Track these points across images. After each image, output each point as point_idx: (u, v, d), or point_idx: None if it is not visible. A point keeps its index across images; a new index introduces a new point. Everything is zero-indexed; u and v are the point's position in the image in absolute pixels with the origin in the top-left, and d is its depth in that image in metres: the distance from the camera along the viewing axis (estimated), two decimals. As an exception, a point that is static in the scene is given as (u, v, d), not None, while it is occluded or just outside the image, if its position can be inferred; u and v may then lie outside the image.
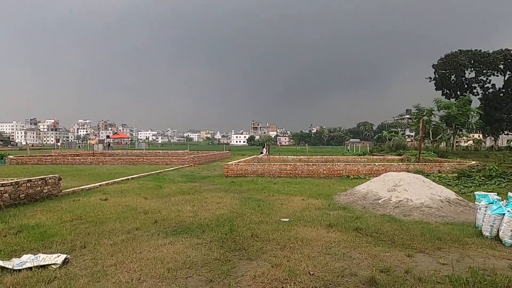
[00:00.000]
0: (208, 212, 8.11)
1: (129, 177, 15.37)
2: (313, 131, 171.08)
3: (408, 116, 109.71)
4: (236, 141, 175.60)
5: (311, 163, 18.72)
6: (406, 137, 72.01)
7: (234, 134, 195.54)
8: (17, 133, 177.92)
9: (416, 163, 19.08)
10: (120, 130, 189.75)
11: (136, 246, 5.45)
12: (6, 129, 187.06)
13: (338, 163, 18.70)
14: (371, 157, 32.00)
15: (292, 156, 31.94)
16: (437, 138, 43.73)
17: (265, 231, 6.35)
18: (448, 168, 17.78)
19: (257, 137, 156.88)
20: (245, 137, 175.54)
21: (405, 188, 9.00)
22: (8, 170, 20.25)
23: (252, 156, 28.59)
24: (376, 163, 18.40)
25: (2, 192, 8.50)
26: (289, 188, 12.37)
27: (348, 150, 59.62)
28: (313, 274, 4.40)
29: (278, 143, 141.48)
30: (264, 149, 33.67)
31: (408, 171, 15.93)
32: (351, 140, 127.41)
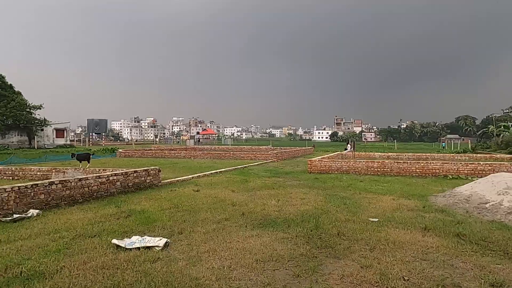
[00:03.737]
0: (292, 207, 8.15)
1: (217, 170, 16.35)
2: (402, 126, 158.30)
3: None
4: (318, 137, 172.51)
5: (401, 161, 17.37)
6: (520, 132, 61.65)
7: (316, 130, 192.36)
8: (124, 130, 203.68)
9: (534, 163, 16.22)
10: (208, 126, 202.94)
11: (226, 236, 5.77)
12: (116, 126, 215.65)
13: (434, 161, 16.96)
14: (474, 155, 28.34)
15: (380, 153, 30.14)
16: None
17: (353, 230, 6.12)
18: None
19: (340, 133, 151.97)
20: (327, 133, 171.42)
21: (521, 191, 7.73)
22: (118, 161, 23.38)
23: (335, 153, 27.82)
24: (481, 162, 16.19)
25: (115, 181, 9.84)
26: (377, 187, 11.70)
27: (444, 147, 53.75)
28: (408, 280, 4.08)
29: (364, 139, 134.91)
30: (348, 145, 32.42)
31: (523, 172, 13.66)
32: (448, 136, 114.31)
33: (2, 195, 6.99)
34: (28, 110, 45.48)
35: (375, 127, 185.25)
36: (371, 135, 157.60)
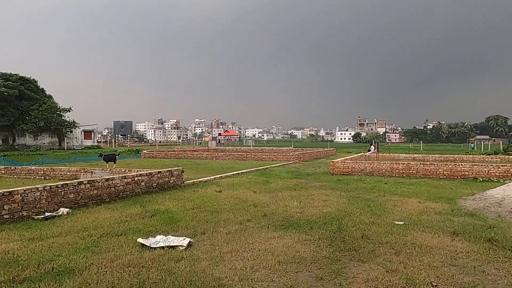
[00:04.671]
0: (315, 209, 8.07)
1: (239, 171, 16.43)
2: (428, 127, 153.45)
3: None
4: (341, 138, 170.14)
5: (427, 162, 16.84)
6: (557, 133, 58.29)
7: (339, 131, 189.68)
8: (148, 131, 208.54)
9: None
10: (230, 128, 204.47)
11: (248, 237, 5.78)
12: (140, 128, 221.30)
13: (462, 163, 16.31)
14: (506, 156, 27.05)
15: (405, 154, 29.37)
16: None
17: (377, 233, 5.99)
18: None
19: (363, 134, 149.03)
20: (350, 134, 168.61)
21: (559, 195, 7.32)
22: (143, 162, 23.94)
23: (358, 154, 27.34)
24: (514, 164, 15.44)
25: (140, 181, 10.08)
26: (402, 189, 11.39)
27: (473, 148, 51.70)
28: (436, 285, 3.94)
29: (388, 140, 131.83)
30: (372, 146, 31.77)
31: (561, 175, 12.91)
32: (477, 136, 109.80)
33: (35, 194, 7.32)
34: (59, 112, 47.42)
35: (399, 128, 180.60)
36: (395, 136, 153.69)
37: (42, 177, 14.44)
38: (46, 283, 3.94)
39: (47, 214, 7.19)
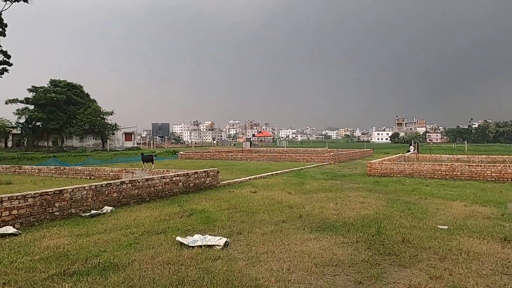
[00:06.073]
0: (352, 211, 7.88)
1: (273, 172, 16.43)
2: (473, 126, 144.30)
3: None
4: (378, 139, 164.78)
5: (473, 164, 15.86)
6: None
7: (375, 131, 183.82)
8: (184, 133, 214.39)
9: None
10: (263, 129, 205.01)
11: (284, 238, 5.76)
12: (177, 129, 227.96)
13: (513, 165, 15.18)
14: None
15: (447, 155, 27.89)
16: None
17: (419, 238, 5.73)
18: None
19: (401, 134, 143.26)
20: (387, 134, 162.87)
21: None
22: (179, 163, 24.65)
23: (397, 155, 26.32)
24: None
25: (178, 181, 10.38)
26: (446, 192, 10.82)
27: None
28: (486, 295, 3.70)
29: (429, 140, 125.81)
30: (411, 146, 30.50)
31: None
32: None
33: (82, 193, 7.78)
34: (102, 116, 50.11)
35: (441, 127, 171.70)
36: (436, 135, 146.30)
37: (88, 177, 15.31)
38: (93, 277, 4.17)
39: (93, 211, 7.62)
